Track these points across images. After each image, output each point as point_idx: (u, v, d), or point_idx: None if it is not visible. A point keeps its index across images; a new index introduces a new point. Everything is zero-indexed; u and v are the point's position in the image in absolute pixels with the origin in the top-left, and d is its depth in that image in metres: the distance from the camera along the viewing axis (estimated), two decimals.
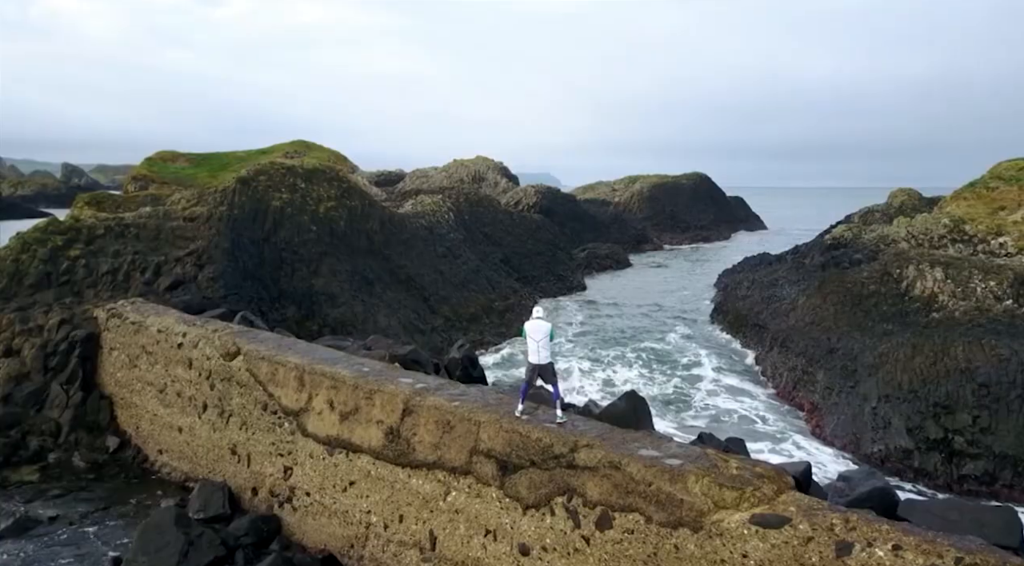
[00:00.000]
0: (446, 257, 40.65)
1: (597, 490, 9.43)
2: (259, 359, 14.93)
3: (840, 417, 23.40)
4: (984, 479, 18.42)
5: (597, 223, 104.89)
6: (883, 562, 7.11)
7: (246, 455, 15.06)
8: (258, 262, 27.33)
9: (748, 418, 27.05)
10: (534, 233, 70.37)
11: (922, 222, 57.90)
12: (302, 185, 30.91)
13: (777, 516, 7.93)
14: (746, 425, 25.90)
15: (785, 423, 26.02)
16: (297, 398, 13.96)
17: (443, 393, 12.10)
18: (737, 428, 24.83)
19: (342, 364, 13.96)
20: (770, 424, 26.33)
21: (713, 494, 8.51)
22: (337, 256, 30.64)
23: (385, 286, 32.95)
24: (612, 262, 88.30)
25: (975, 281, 29.47)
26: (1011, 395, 19.08)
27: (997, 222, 55.90)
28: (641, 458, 9.28)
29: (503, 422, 10.69)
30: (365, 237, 33.39)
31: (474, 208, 59.66)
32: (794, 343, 32.89)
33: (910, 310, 30.09)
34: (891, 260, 34.79)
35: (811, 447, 23.74)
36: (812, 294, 36.75)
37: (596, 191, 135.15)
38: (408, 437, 11.85)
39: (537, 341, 10.53)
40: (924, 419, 19.95)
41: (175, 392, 17.37)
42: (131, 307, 20.87)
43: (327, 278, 29.21)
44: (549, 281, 64.18)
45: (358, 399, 12.81)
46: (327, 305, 28.50)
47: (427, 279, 36.33)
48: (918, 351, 22.50)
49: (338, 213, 31.78)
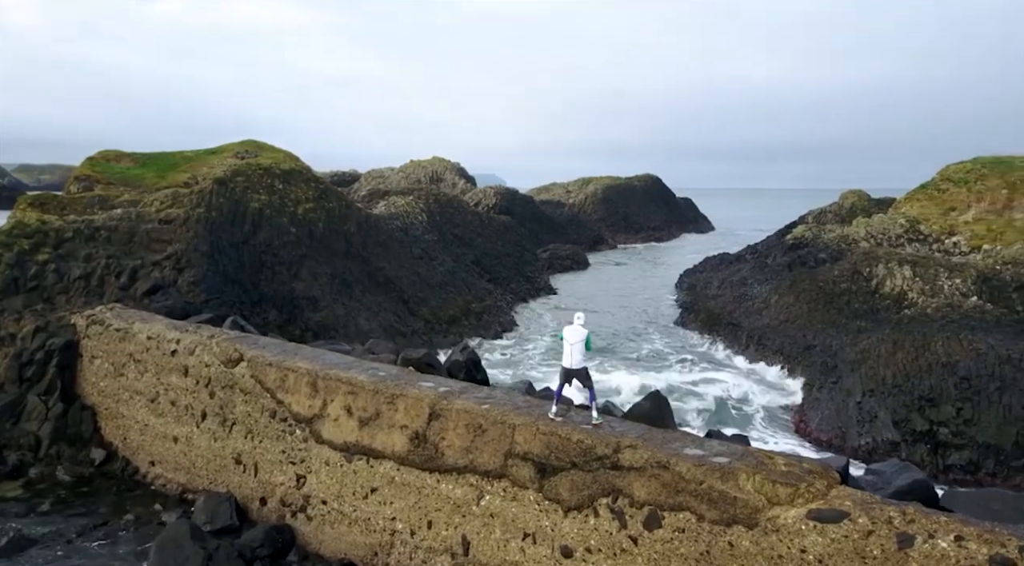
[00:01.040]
0: (422, 258, 40.33)
1: (644, 490, 9.46)
2: (266, 365, 14.54)
3: (824, 413, 24.08)
4: (969, 468, 19.21)
5: (555, 224, 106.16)
6: (947, 553, 7.32)
7: (252, 464, 14.65)
8: (238, 265, 26.64)
9: (729, 415, 27.55)
10: (503, 234, 70.46)
11: (879, 222, 60.03)
12: (280, 186, 30.25)
13: (835, 511, 8.09)
14: (727, 422, 26.37)
15: (767, 419, 26.58)
16: (310, 405, 13.64)
17: (470, 396, 12.00)
18: (718, 425, 25.25)
19: (357, 369, 13.71)
20: (753, 421, 26.87)
21: (767, 491, 8.63)
22: (316, 258, 30.08)
23: (364, 288, 32.50)
24: (573, 263, 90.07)
25: (942, 279, 30.77)
26: (991, 388, 19.95)
27: (950, 222, 58.32)
28: (689, 457, 9.36)
29: (540, 424, 10.65)
30: (343, 239, 32.88)
31: (444, 209, 59.37)
32: (770, 341, 33.77)
33: (881, 307, 31.18)
34: (860, 259, 36.03)
35: (795, 443, 24.32)
36: (784, 292, 37.81)
37: (550, 192, 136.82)
38: (436, 442, 11.70)
39: (572, 345, 10.55)
40: (910, 412, 20.70)
41: (169, 401, 16.78)
42: (112, 313, 20.08)
43: (308, 281, 28.65)
44: (519, 282, 64.36)
45: (379, 404, 12.59)
46: (309, 309, 27.96)
47: (405, 281, 35.97)
48: (899, 347, 23.33)
49: (316, 215, 31.21)
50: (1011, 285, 30.94)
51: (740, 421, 25.69)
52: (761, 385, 30.64)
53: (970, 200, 63.72)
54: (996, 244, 49.41)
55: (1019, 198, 62.96)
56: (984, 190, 64.45)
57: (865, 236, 55.54)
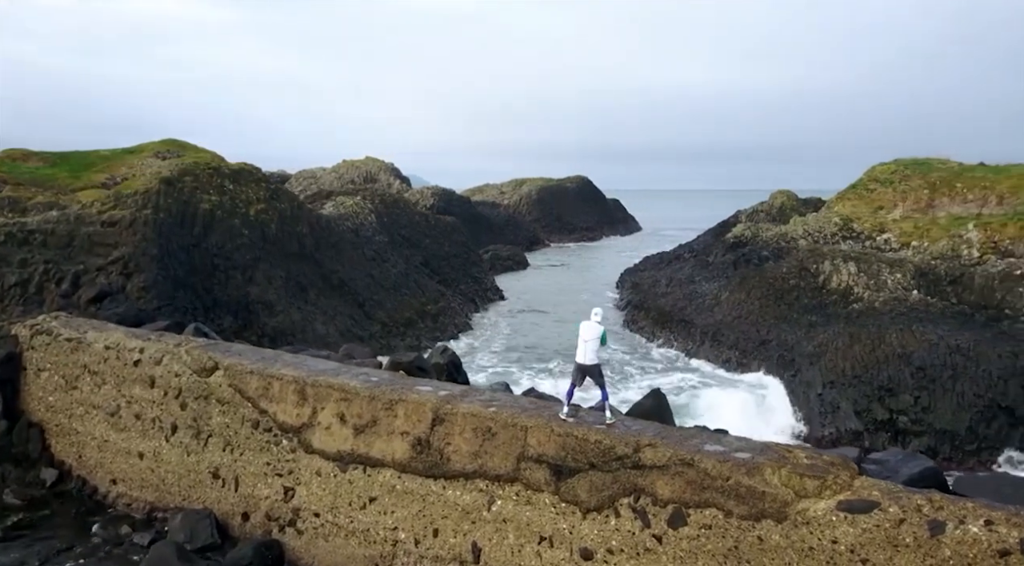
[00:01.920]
0: (375, 260, 39.52)
1: (668, 488, 9.45)
2: (246, 374, 13.85)
3: (786, 405, 24.91)
4: (928, 454, 20.14)
5: (492, 225, 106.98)
6: (979, 538, 7.56)
7: (232, 478, 13.93)
8: (189, 269, 25.41)
9: (693, 410, 28.09)
10: (449, 235, 70.01)
11: (815, 221, 62.62)
12: (230, 186, 29.05)
13: (864, 501, 8.26)
14: (692, 417, 26.90)
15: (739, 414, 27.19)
16: (298, 413, 13.07)
17: (474, 399, 11.74)
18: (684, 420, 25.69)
19: (347, 374, 13.23)
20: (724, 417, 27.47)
21: (794, 484, 8.75)
22: (270, 261, 29.04)
23: (319, 292, 31.58)
24: (514, 263, 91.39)
25: (884, 274, 32.38)
26: (944, 376, 21.07)
27: (879, 220, 61.39)
28: (713, 454, 9.40)
29: (553, 426, 10.50)
30: (296, 241, 31.87)
31: (391, 210, 58.46)
32: (724, 337, 34.72)
33: (828, 302, 32.55)
34: (807, 256, 37.51)
35: (758, 435, 24.92)
36: (735, 289, 38.94)
37: (484, 193, 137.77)
38: (440, 447, 11.38)
39: (586, 342, 10.45)
40: (871, 402, 21.62)
41: (132, 414, 15.78)
42: (59, 322, 18.76)
43: (263, 285, 27.61)
44: (467, 283, 64.09)
45: (376, 411, 12.17)
46: (264, 313, 26.95)
47: (360, 284, 35.15)
48: (855, 340, 24.36)
49: (268, 216, 30.14)
50: (945, 279, 32.82)
51: (711, 418, 26.24)
52: (723, 382, 31.40)
53: (896, 199, 67.27)
54: (923, 241, 52.32)
55: (939, 198, 66.82)
56: (908, 190, 68.15)
57: (803, 234, 57.83)
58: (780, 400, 25.67)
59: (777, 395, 26.47)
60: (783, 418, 24.32)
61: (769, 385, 28.36)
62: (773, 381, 27.66)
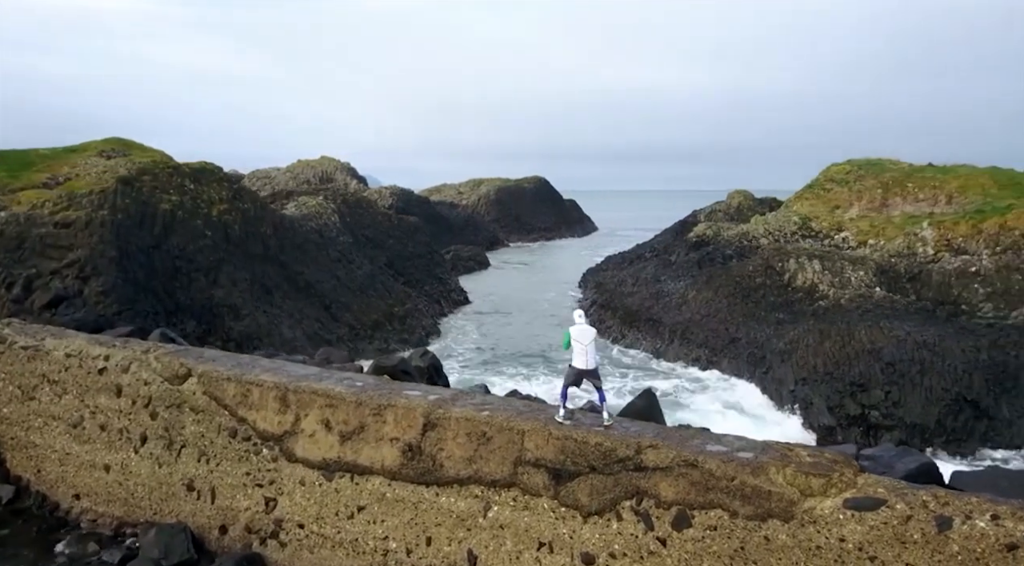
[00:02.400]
0: (340, 261, 38.78)
1: (672, 490, 9.37)
2: (223, 380, 13.33)
3: (765, 408, 25.31)
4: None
5: (452, 225, 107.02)
6: (986, 533, 7.65)
7: (208, 490, 13.39)
8: (150, 272, 24.48)
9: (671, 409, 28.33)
10: (412, 236, 69.48)
11: (775, 220, 64.04)
12: (191, 186, 28.11)
13: (871, 499, 8.30)
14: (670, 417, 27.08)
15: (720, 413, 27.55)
16: (280, 421, 12.63)
17: (466, 403, 11.49)
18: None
19: (331, 380, 12.83)
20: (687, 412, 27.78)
21: (799, 483, 8.75)
22: (234, 263, 28.21)
23: (285, 294, 30.81)
24: (475, 264, 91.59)
25: (848, 272, 33.18)
26: (912, 371, 21.66)
27: (837, 219, 63.11)
28: (716, 454, 9.35)
29: (551, 429, 10.34)
30: (260, 242, 31.06)
31: (353, 210, 57.65)
32: (694, 335, 35.13)
33: (795, 299, 33.23)
34: (772, 254, 38.18)
35: (728, 432, 25.22)
36: (702, 288, 39.45)
37: (442, 193, 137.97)
38: (433, 453, 11.11)
39: (585, 345, 10.34)
40: (843, 397, 22.08)
41: (97, 425, 15.06)
42: (12, 329, 17.81)
43: (227, 288, 26.80)
44: (432, 284, 63.71)
45: (363, 417, 11.82)
46: (230, 317, 26.15)
47: (326, 286, 34.43)
48: (826, 336, 24.87)
49: (232, 216, 29.29)
50: (904, 276, 33.85)
51: (695, 417, 26.50)
52: (696, 381, 31.77)
53: (852, 199, 69.31)
54: (880, 239, 54.00)
55: (892, 197, 69.06)
56: (863, 189, 70.28)
57: (764, 233, 59.10)
58: (754, 398, 26.07)
59: (749, 393, 26.89)
60: (758, 415, 24.69)
61: (738, 384, 28.80)
62: (741, 381, 28.08)
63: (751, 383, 26.12)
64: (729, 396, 27.70)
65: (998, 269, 32.25)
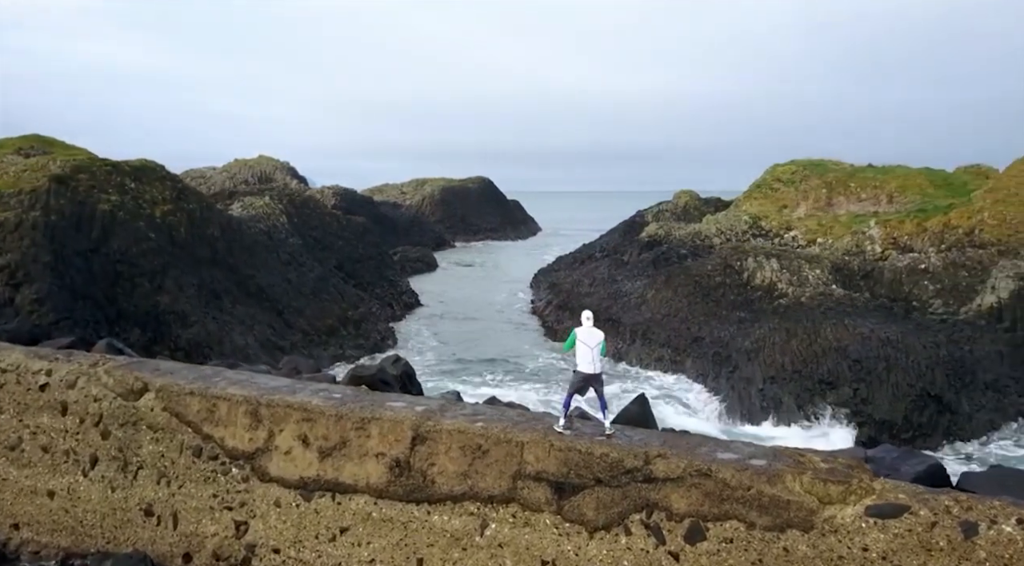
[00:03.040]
0: (291, 264, 37.40)
1: (684, 501, 9.03)
2: (185, 395, 12.37)
3: (726, 402, 25.41)
4: (868, 445, 21.05)
5: (397, 226, 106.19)
6: (1013, 537, 7.56)
7: (170, 515, 12.40)
8: (89, 277, 22.95)
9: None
10: (362, 237, 68.15)
11: (727, 220, 65.25)
12: (131, 185, 26.54)
13: (893, 505, 8.13)
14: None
15: (666, 410, 27.56)
16: (251, 437, 11.78)
17: (456, 414, 10.92)
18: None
19: (306, 392, 12.05)
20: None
21: (817, 491, 8.53)
22: (181, 267, 26.76)
23: (235, 300, 29.44)
24: (423, 265, 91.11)
25: (806, 270, 33.88)
26: (879, 368, 22.10)
27: (785, 219, 64.70)
28: (729, 462, 9.06)
29: (553, 440, 9.87)
30: (207, 244, 29.61)
31: (300, 211, 55.98)
32: (655, 335, 35.23)
33: (755, 298, 33.70)
34: (730, 253, 38.71)
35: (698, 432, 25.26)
36: (661, 288, 39.69)
37: (384, 193, 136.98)
38: (423, 469, 10.50)
39: (592, 348, 9.93)
40: (812, 396, 22.36)
41: (39, 447, 13.81)
42: None
43: (173, 293, 25.38)
44: (383, 286, 62.57)
45: (344, 431, 11.11)
46: (177, 325, 24.76)
47: (278, 290, 33.10)
48: (792, 335, 25.19)
49: (177, 218, 27.81)
50: (858, 274, 34.81)
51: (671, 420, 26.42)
52: (663, 386, 31.75)
53: (798, 198, 71.26)
54: (828, 237, 55.62)
55: (837, 196, 71.36)
56: (808, 189, 72.34)
57: (716, 233, 60.10)
58: (721, 397, 26.19)
59: (715, 393, 27.04)
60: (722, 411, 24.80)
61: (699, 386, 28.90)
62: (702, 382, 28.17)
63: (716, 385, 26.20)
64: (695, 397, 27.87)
65: (945, 266, 33.53)
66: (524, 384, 31.31)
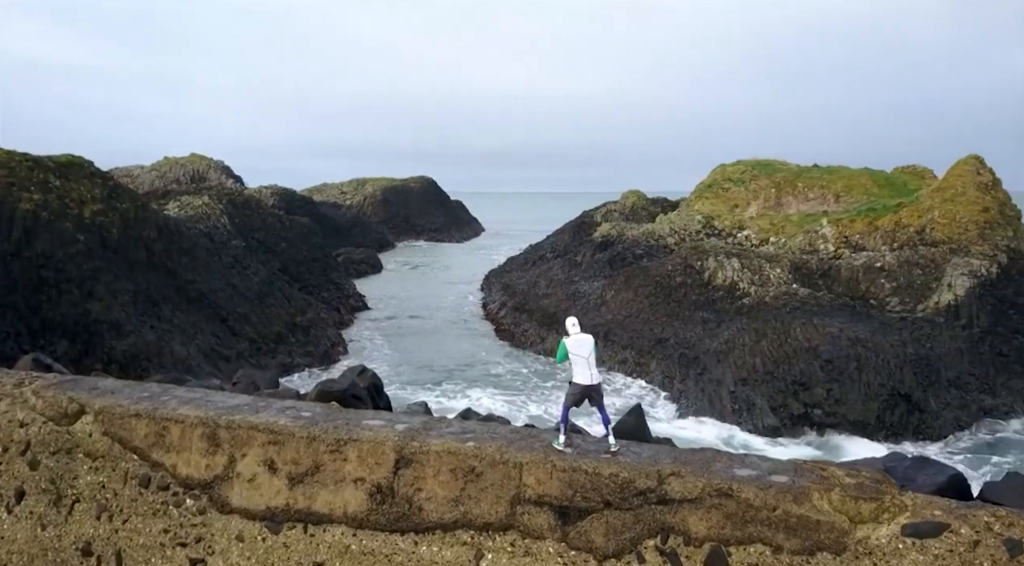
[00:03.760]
0: (234, 268, 35.52)
1: (703, 524, 8.39)
2: (130, 417, 11.11)
3: (695, 404, 25.16)
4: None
5: (339, 226, 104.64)
6: None
7: (112, 554, 11.12)
8: (7, 285, 21.00)
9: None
10: (306, 238, 66.08)
11: (680, 219, 65.88)
12: (56, 182, 24.52)
13: (931, 523, 7.66)
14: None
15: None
16: (208, 464, 10.62)
17: (443, 432, 10.04)
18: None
19: (270, 411, 10.97)
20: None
21: (847, 509, 8.00)
22: (114, 272, 24.88)
23: (175, 307, 27.59)
24: (368, 267, 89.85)
25: (767, 269, 34.13)
26: (850, 368, 22.16)
27: (738, 218, 65.75)
28: (749, 479, 8.46)
29: (556, 461, 9.10)
30: (143, 247, 27.70)
31: (241, 211, 53.73)
32: (618, 336, 34.90)
33: (716, 298, 33.77)
34: (689, 253, 38.77)
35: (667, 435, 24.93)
36: (621, 288, 39.45)
37: (323, 193, 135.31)
38: (409, 495, 9.58)
39: (585, 357, 9.25)
40: (786, 397, 22.25)
41: None
42: None
43: (106, 301, 23.54)
44: (330, 290, 60.84)
45: (318, 455, 10.09)
46: (110, 335, 22.95)
47: (221, 295, 31.29)
48: (761, 335, 25.10)
49: (108, 218, 25.88)
50: (816, 272, 35.29)
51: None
52: (628, 388, 31.38)
53: (749, 198, 72.60)
54: (780, 236, 56.65)
55: (785, 196, 72.97)
56: (758, 189, 73.80)
57: (670, 232, 60.51)
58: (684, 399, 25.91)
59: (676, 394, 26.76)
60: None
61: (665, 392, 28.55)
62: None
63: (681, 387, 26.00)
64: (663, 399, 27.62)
65: (900, 264, 34.27)
66: (492, 393, 30.32)
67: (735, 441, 21.48)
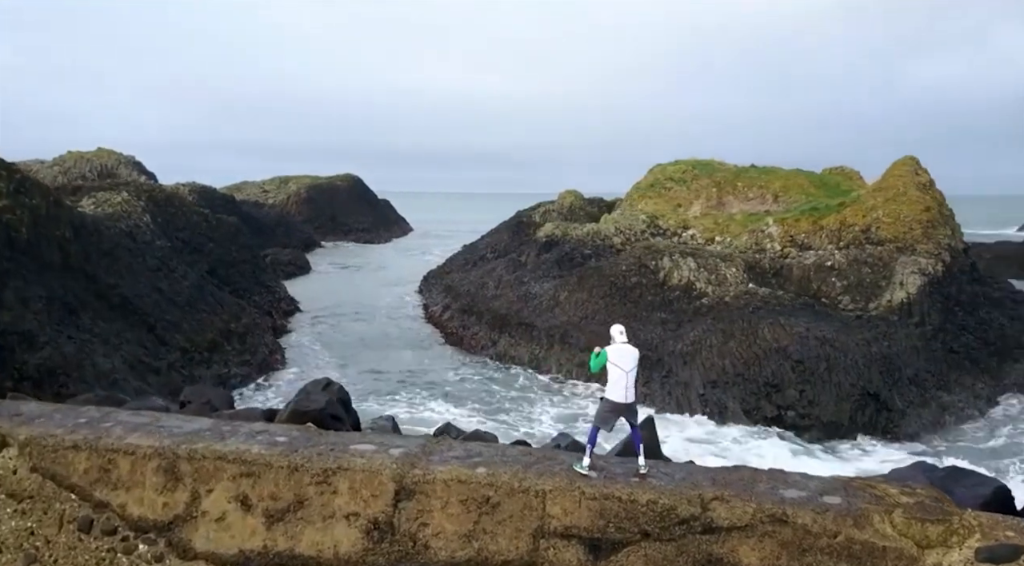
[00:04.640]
0: (160, 271, 33.03)
1: (756, 555, 7.64)
2: (66, 449, 9.54)
3: (662, 407, 24.74)
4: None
5: (262, 226, 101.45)
6: None
7: None
8: None
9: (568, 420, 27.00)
10: (234, 238, 63.07)
11: (624, 219, 66.01)
12: None
13: (1007, 546, 7.13)
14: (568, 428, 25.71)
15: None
16: (166, 502, 9.19)
17: (447, 456, 8.96)
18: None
19: (238, 437, 9.61)
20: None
21: (914, 533, 7.40)
22: (24, 276, 22.51)
23: (95, 314, 25.26)
24: (296, 268, 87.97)
25: (723, 269, 34.23)
26: (821, 368, 22.17)
27: (682, 217, 66.36)
28: (802, 502, 7.76)
29: (584, 487, 8.18)
30: (57, 248, 25.26)
31: (164, 209, 50.51)
32: (574, 339, 34.23)
33: (673, 298, 33.62)
34: (644, 252, 38.59)
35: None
36: (574, 289, 38.88)
37: (244, 191, 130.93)
38: (412, 531, 8.47)
39: (626, 371, 8.39)
40: (759, 399, 22.05)
41: None
42: None
43: (15, 309, 21.23)
44: (261, 293, 58.20)
45: (301, 487, 8.84)
46: (22, 348, 20.68)
47: (147, 301, 28.94)
48: (729, 336, 24.92)
49: (16, 216, 23.42)
50: (769, 271, 35.68)
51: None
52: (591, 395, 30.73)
53: (691, 198, 73.56)
54: (725, 236, 57.52)
55: (726, 196, 74.35)
56: (700, 189, 74.92)
57: (615, 232, 60.57)
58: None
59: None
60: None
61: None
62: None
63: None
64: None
65: (849, 263, 35.10)
66: (455, 405, 28.97)
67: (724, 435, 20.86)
